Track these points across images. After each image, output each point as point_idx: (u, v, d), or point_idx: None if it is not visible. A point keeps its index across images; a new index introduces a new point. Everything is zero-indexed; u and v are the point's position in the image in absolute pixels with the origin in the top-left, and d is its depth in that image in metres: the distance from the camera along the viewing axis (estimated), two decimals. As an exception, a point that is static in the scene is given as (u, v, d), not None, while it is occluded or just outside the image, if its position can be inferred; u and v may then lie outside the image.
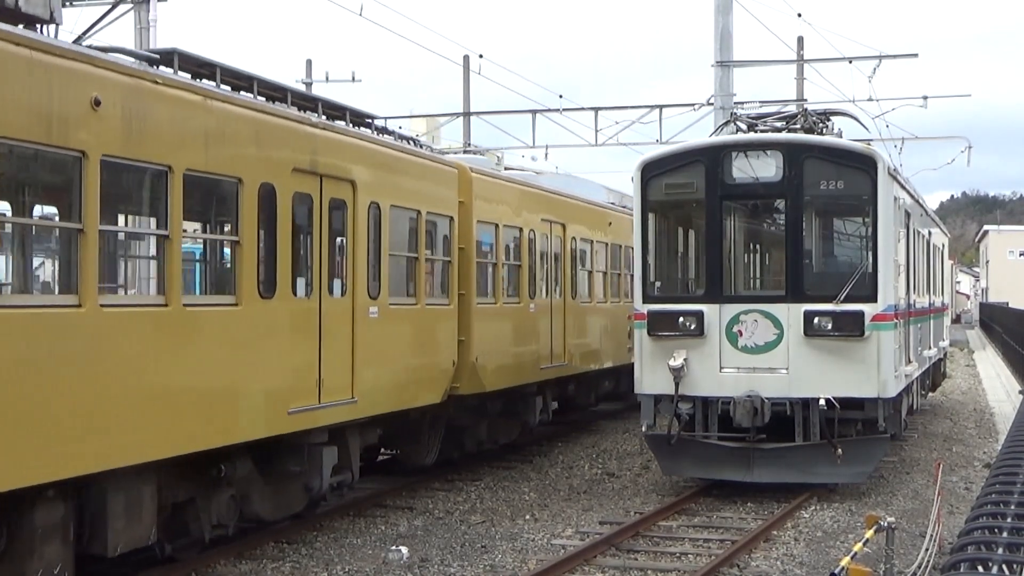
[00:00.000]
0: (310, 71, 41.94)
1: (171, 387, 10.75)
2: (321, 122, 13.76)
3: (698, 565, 12.80)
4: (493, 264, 18.80)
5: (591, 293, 23.72)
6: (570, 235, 22.28)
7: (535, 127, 35.46)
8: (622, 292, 25.69)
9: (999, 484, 10.22)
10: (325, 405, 13.30)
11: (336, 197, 13.73)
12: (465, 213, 17.56)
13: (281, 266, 12.50)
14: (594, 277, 23.90)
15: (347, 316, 13.91)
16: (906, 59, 32.60)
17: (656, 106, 34.56)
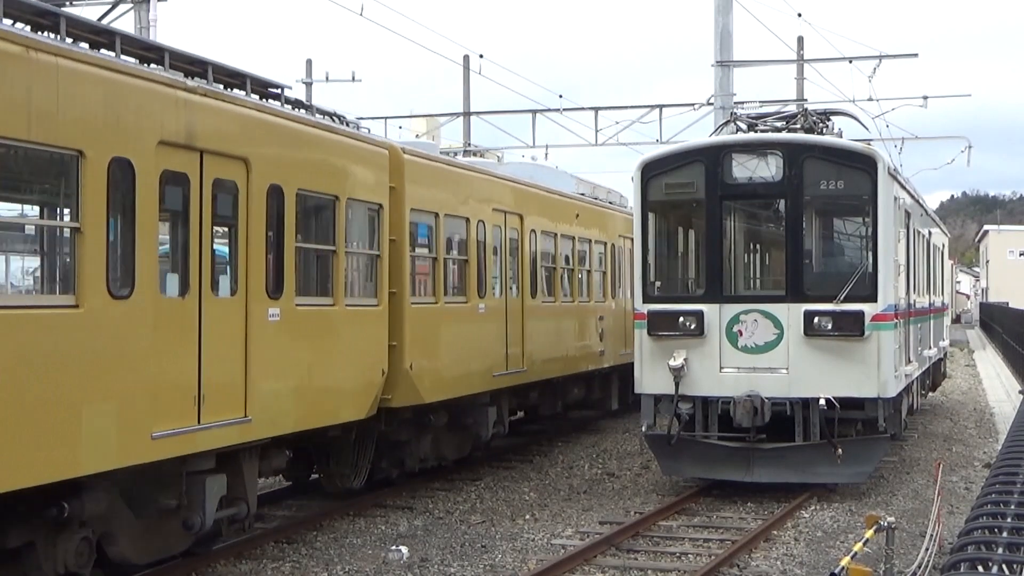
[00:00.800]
0: (310, 71, 41.94)
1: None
2: (201, 87, 11.37)
3: (698, 565, 12.80)
4: (433, 259, 16.65)
5: (555, 292, 21.64)
6: (529, 227, 20.20)
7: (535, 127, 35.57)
8: (593, 291, 23.94)
9: (999, 484, 10.21)
10: (208, 426, 11.09)
11: (223, 178, 11.52)
12: (397, 200, 15.43)
13: (142, 259, 10.28)
14: (558, 274, 21.73)
15: (238, 319, 11.75)
16: (906, 59, 32.65)
17: (656, 106, 34.62)
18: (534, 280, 20.38)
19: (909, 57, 32.36)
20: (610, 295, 24.91)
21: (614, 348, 24.60)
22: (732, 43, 27.91)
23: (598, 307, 24.01)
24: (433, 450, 17.34)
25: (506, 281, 19.11)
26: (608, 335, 24.22)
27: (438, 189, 16.82)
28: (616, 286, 25.38)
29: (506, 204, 19.29)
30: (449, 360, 16.79)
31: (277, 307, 12.35)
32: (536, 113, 35.80)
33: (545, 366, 20.66)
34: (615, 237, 25.43)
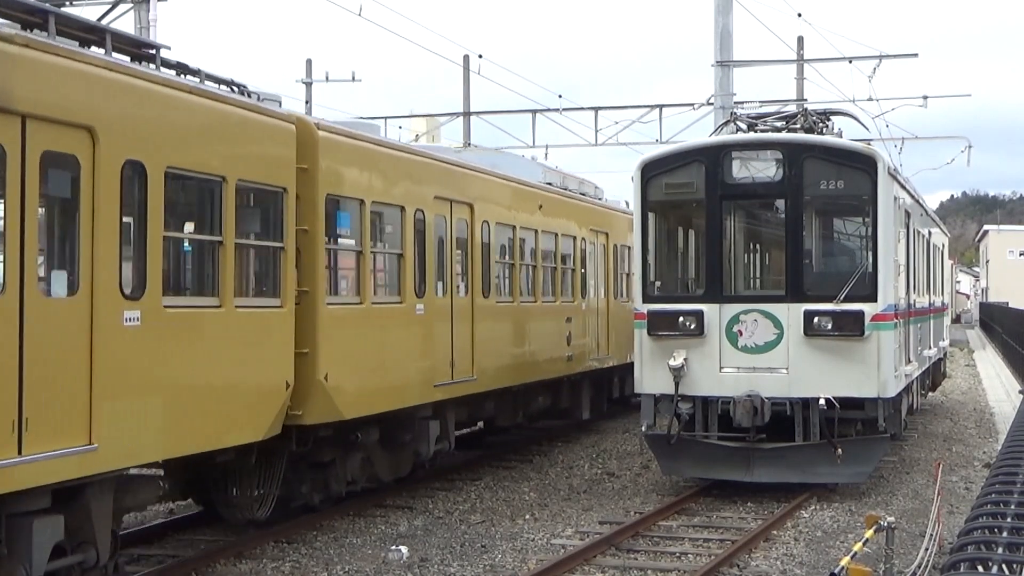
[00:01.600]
0: (310, 71, 41.95)
1: None
2: (21, 35, 9.26)
3: (698, 565, 12.80)
4: (358, 253, 14.36)
5: (513, 291, 19.46)
6: (480, 218, 17.89)
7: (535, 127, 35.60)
8: (560, 290, 21.68)
9: (999, 484, 10.21)
10: (30, 458, 8.97)
11: (57, 151, 9.44)
12: (308, 183, 13.18)
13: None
14: (518, 272, 19.47)
15: (79, 324, 9.61)
16: (906, 59, 32.67)
17: (656, 106, 34.64)
18: (487, 278, 18.08)
19: (909, 57, 32.39)
20: (580, 295, 22.82)
21: (585, 352, 22.85)
22: (732, 43, 27.91)
23: (566, 308, 21.98)
24: (364, 471, 15.40)
25: (452, 279, 16.94)
26: (579, 338, 22.40)
27: (364, 172, 14.54)
28: (588, 285, 23.40)
29: (452, 191, 16.96)
30: (378, 369, 14.64)
31: (136, 309, 10.23)
32: (536, 113, 35.82)
33: (501, 374, 18.54)
34: (586, 231, 23.34)
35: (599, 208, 24.73)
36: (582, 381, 23.28)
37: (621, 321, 24.59)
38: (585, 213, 23.44)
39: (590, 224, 23.62)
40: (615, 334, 24.65)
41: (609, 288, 24.82)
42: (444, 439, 17.03)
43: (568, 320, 21.90)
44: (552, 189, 21.81)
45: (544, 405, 21.78)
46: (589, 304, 23.38)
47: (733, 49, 28.04)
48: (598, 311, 23.93)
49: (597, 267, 24.24)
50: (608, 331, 24.40)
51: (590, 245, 23.55)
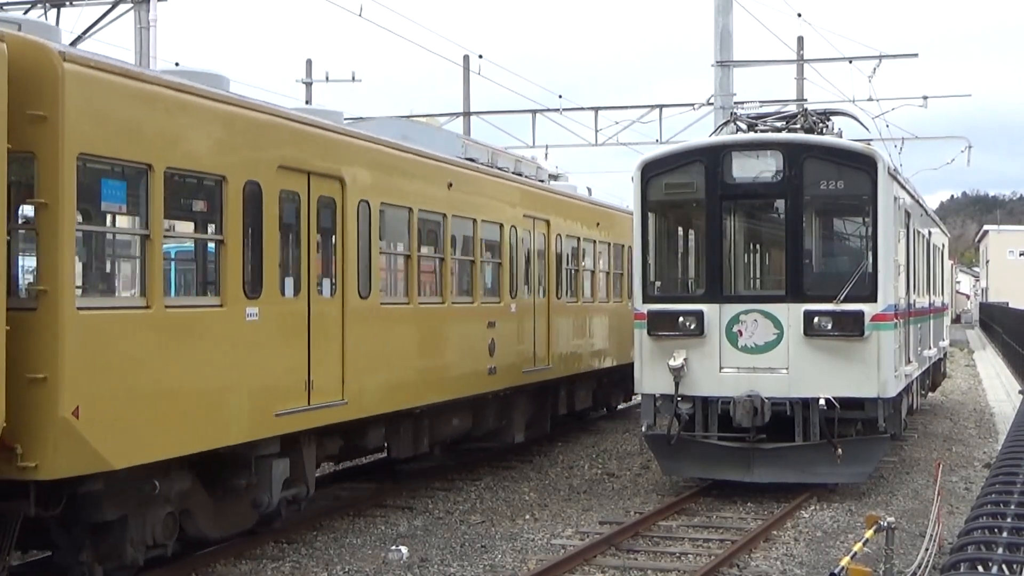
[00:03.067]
0: (310, 71, 41.96)
1: None
2: None
3: (698, 565, 12.80)
4: (144, 238, 10.66)
5: (410, 290, 15.71)
6: (354, 197, 14.03)
7: (535, 127, 35.63)
8: (478, 288, 17.77)
9: (999, 484, 10.21)
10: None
11: None
12: (45, 138, 9.63)
13: None
14: (414, 266, 15.67)
15: None
16: (906, 59, 32.68)
17: (656, 106, 34.65)
18: (366, 274, 14.35)
19: (909, 57, 32.41)
20: (509, 294, 18.98)
21: (516, 364, 19.10)
22: (732, 43, 27.93)
23: (488, 310, 18.10)
24: (171, 530, 11.60)
25: (303, 275, 13.04)
26: (507, 347, 18.65)
27: (149, 126, 10.66)
28: (520, 281, 19.45)
29: (310, 159, 13.13)
30: (176, 396, 10.92)
31: None
32: (536, 113, 35.84)
33: (388, 395, 14.87)
34: (519, 218, 19.43)
35: (538, 191, 20.74)
36: (514, 397, 19.41)
37: (568, 325, 21.95)
38: (518, 196, 19.49)
39: (526, 209, 19.78)
40: (561, 340, 21.32)
41: (552, 285, 20.96)
42: (299, 481, 13.33)
43: (491, 325, 18.00)
44: (471, 166, 17.94)
45: (462, 428, 17.94)
46: (522, 305, 19.53)
47: (733, 49, 28.05)
48: (535, 313, 20.13)
49: (535, 261, 20.29)
50: (550, 337, 20.70)
51: (524, 233, 19.63)
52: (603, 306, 24.27)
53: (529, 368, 19.68)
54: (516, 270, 19.27)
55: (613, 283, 24.99)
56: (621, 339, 24.39)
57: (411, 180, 15.81)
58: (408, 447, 16.19)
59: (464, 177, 17.50)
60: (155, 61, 22.07)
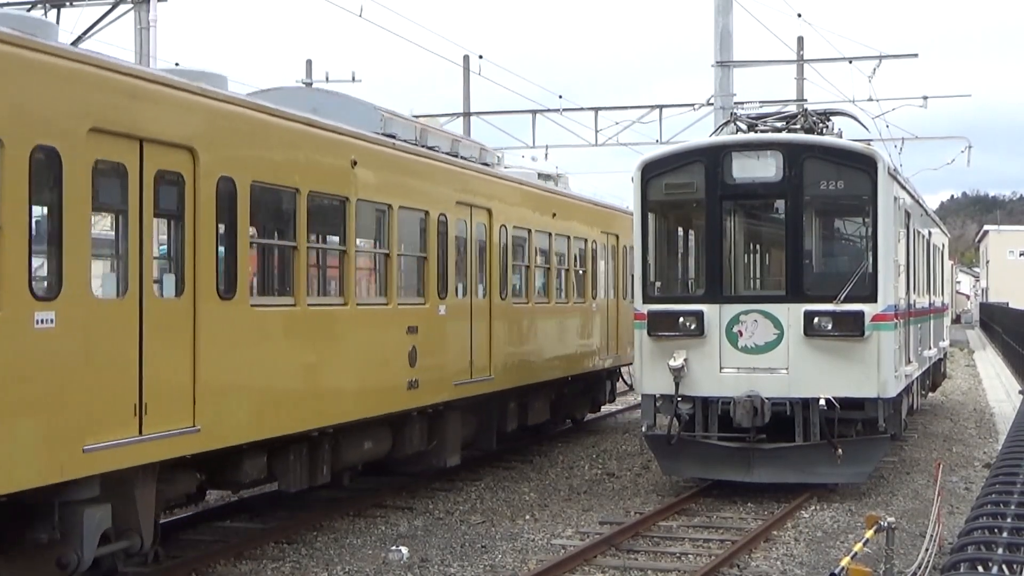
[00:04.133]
0: (310, 71, 41.95)
1: None
2: None
3: (698, 565, 12.80)
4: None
5: (296, 288, 12.88)
6: (216, 172, 11.37)
7: (535, 127, 35.66)
8: (392, 287, 14.87)
9: (999, 484, 10.22)
10: None
11: None
12: None
13: None
14: (302, 259, 12.87)
15: None
16: (906, 59, 32.71)
17: (656, 106, 34.69)
18: (228, 268, 11.58)
19: (909, 57, 32.44)
20: (438, 293, 16.17)
21: (447, 374, 16.37)
22: (732, 43, 27.93)
23: (408, 313, 15.30)
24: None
25: (132, 271, 10.34)
26: (432, 356, 15.83)
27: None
28: (452, 280, 16.64)
29: (141, 123, 10.39)
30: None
31: None
32: (536, 113, 35.87)
33: (263, 418, 12.16)
34: (451, 205, 16.59)
35: (476, 175, 17.82)
36: (446, 414, 16.77)
37: (516, 330, 19.20)
38: (449, 179, 16.78)
39: (461, 195, 17.01)
40: (506, 347, 18.61)
41: (494, 284, 18.22)
42: (132, 533, 10.67)
43: (412, 331, 15.26)
44: (384, 141, 15.12)
45: (378, 452, 15.33)
46: (455, 307, 16.74)
47: (733, 49, 28.06)
48: (473, 317, 17.31)
49: (472, 255, 17.57)
50: (491, 344, 18.00)
51: (458, 223, 16.94)
52: (561, 307, 21.59)
53: (464, 380, 16.88)
54: (447, 266, 16.34)
55: (575, 282, 22.31)
56: (586, 344, 22.78)
57: (297, 154, 12.87)
58: (301, 478, 13.39)
59: (373, 154, 14.47)
60: (155, 61, 22.08)
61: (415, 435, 16.03)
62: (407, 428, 15.77)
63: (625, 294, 24.91)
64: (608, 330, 24.22)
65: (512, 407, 19.57)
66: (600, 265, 23.89)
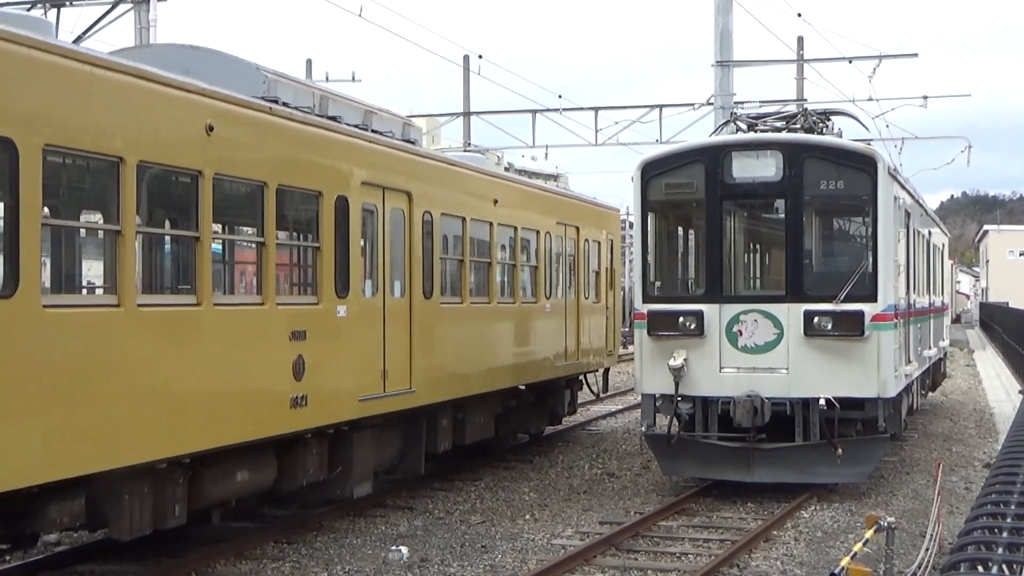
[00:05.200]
0: (310, 71, 41.99)
1: None
2: None
3: (698, 565, 12.80)
4: None
5: (123, 284, 10.28)
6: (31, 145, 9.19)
7: (535, 127, 35.69)
8: (271, 283, 12.25)
9: (999, 484, 10.21)
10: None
11: None
12: None
13: None
14: (127, 244, 10.26)
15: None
16: (906, 59, 32.77)
17: (656, 106, 34.69)
18: (5, 258, 9.14)
19: (909, 57, 32.49)
20: (334, 292, 13.36)
21: (349, 388, 13.67)
22: (732, 43, 27.96)
23: (292, 315, 12.61)
24: None
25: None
26: (326, 367, 13.12)
27: None
28: (357, 275, 13.89)
29: None
30: None
31: None
32: (536, 113, 35.88)
33: (85, 449, 9.77)
34: (355, 187, 13.85)
35: (389, 151, 15.00)
36: (349, 437, 14.18)
37: (447, 334, 16.37)
38: (352, 156, 14.03)
39: (368, 175, 14.25)
40: (432, 354, 15.84)
41: (415, 281, 15.45)
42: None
43: (298, 336, 12.58)
44: (258, 105, 12.35)
45: (258, 484, 12.73)
46: (362, 308, 14.00)
47: (733, 49, 28.08)
48: (387, 319, 14.59)
49: (384, 246, 14.69)
50: (412, 351, 15.23)
51: (364, 208, 14.18)
52: (506, 308, 18.83)
53: (374, 394, 14.25)
54: (348, 259, 13.66)
55: (524, 279, 19.70)
56: (538, 350, 20.06)
57: (122, 114, 10.25)
58: (140, 521, 10.82)
59: (240, 120, 11.85)
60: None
61: (309, 461, 13.43)
62: (297, 453, 13.15)
63: (588, 293, 23.06)
64: (567, 334, 21.62)
65: (444, 424, 16.89)
66: (555, 261, 21.14)
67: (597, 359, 23.75)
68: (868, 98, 37.78)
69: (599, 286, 23.79)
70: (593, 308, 23.24)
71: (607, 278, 24.31)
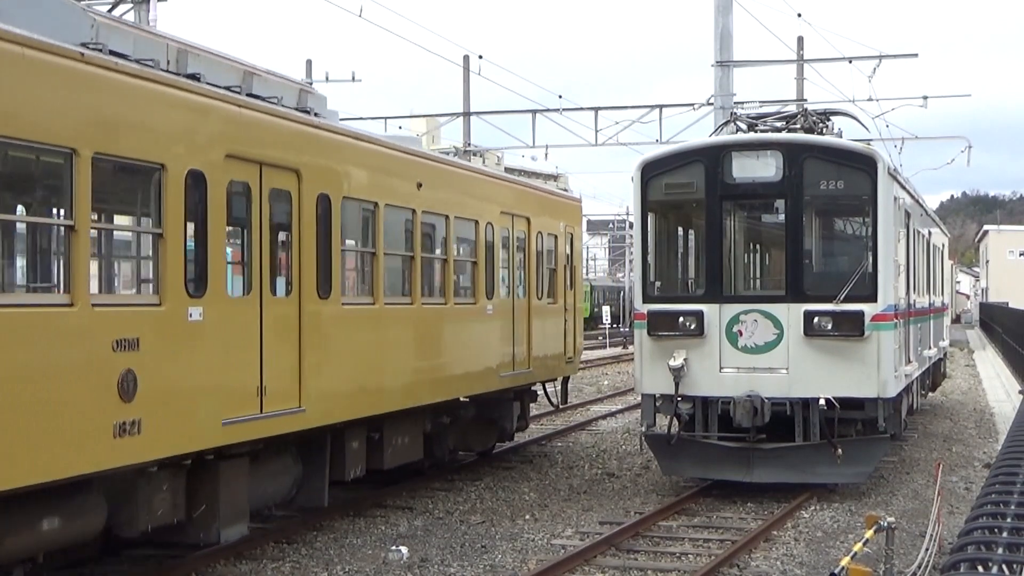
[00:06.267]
0: (310, 71, 41.96)
1: None
2: None
3: (698, 565, 12.80)
4: None
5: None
6: None
7: (535, 127, 35.71)
8: (83, 279, 9.62)
9: (999, 484, 10.21)
10: None
11: None
12: None
13: None
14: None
15: None
16: (906, 59, 32.76)
17: (656, 106, 34.70)
18: None
19: (909, 57, 32.49)
20: (181, 290, 10.77)
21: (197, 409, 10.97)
22: (732, 43, 27.96)
23: (110, 320, 9.96)
24: None
25: None
26: (165, 381, 10.50)
27: None
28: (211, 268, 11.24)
29: None
30: None
31: None
32: (536, 113, 35.90)
33: None
34: (217, 160, 11.26)
35: (268, 117, 12.18)
36: (215, 468, 11.75)
37: (354, 340, 13.77)
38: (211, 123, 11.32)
39: (236, 148, 11.57)
40: (336, 365, 13.25)
41: (307, 277, 12.74)
42: None
43: (124, 346, 10.04)
44: (93, 58, 9.88)
45: (77, 532, 10.23)
46: (224, 309, 11.39)
47: (733, 49, 28.08)
48: (264, 323, 11.93)
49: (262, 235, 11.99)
50: (302, 360, 12.54)
51: (234, 188, 11.65)
52: (433, 310, 16.00)
53: (245, 415, 11.64)
54: (204, 250, 11.17)
55: (459, 276, 17.31)
56: (477, 358, 17.27)
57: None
58: None
59: (26, 64, 9.08)
60: (155, 61, 21.97)
61: (156, 500, 10.97)
62: (137, 492, 10.75)
63: (542, 293, 20.23)
64: (515, 339, 18.74)
65: (355, 447, 14.47)
66: (500, 256, 18.36)
67: (553, 367, 20.82)
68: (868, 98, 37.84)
69: (556, 285, 20.98)
70: (548, 310, 20.50)
71: (566, 276, 21.56)
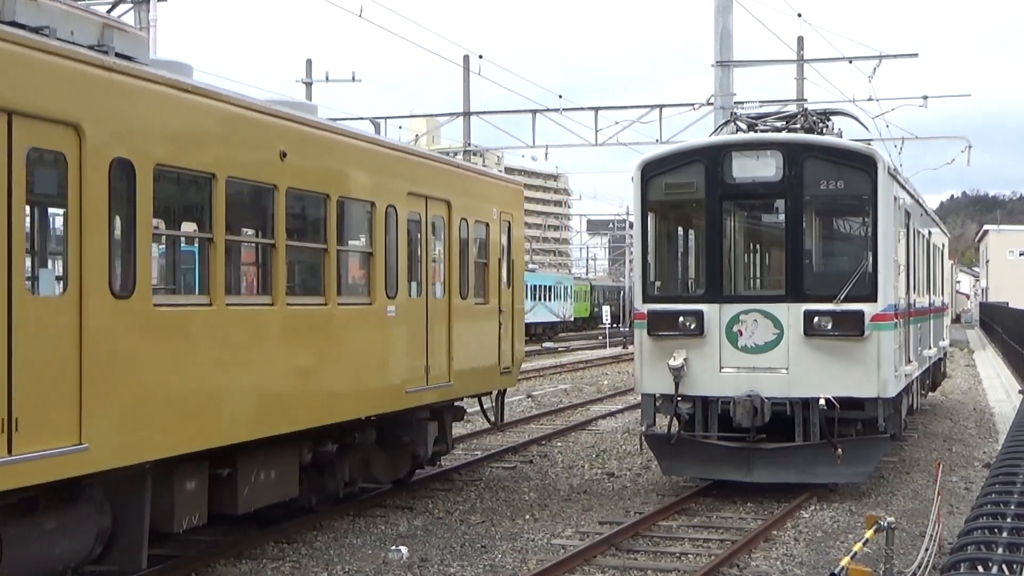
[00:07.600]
0: (310, 71, 41.99)
1: None
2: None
3: (698, 565, 12.80)
4: None
5: None
6: None
7: (535, 127, 35.73)
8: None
9: (999, 484, 10.22)
10: None
11: None
12: None
13: None
14: None
15: None
16: (906, 59, 32.79)
17: (656, 106, 34.73)
18: None
19: (909, 57, 32.53)
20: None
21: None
22: (732, 43, 27.97)
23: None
24: None
25: None
26: None
27: None
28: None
29: None
30: None
31: None
32: (536, 113, 35.92)
33: None
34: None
35: (27, 52, 8.82)
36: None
37: (166, 352, 10.36)
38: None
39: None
40: (137, 388, 9.98)
41: (94, 270, 9.56)
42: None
43: None
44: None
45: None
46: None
47: (733, 49, 28.09)
48: (13, 327, 8.67)
49: (22, 215, 8.93)
50: (82, 381, 9.35)
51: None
52: (309, 312, 12.89)
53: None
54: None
55: (347, 271, 14.49)
56: (378, 369, 14.36)
57: None
58: None
59: None
60: (155, 61, 21.94)
61: None
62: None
63: (467, 291, 16.93)
64: (429, 347, 15.67)
65: (190, 489, 11.36)
66: (407, 246, 15.16)
67: (484, 380, 17.69)
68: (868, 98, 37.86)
69: (487, 282, 17.61)
70: (476, 312, 17.23)
71: (501, 272, 18.08)
